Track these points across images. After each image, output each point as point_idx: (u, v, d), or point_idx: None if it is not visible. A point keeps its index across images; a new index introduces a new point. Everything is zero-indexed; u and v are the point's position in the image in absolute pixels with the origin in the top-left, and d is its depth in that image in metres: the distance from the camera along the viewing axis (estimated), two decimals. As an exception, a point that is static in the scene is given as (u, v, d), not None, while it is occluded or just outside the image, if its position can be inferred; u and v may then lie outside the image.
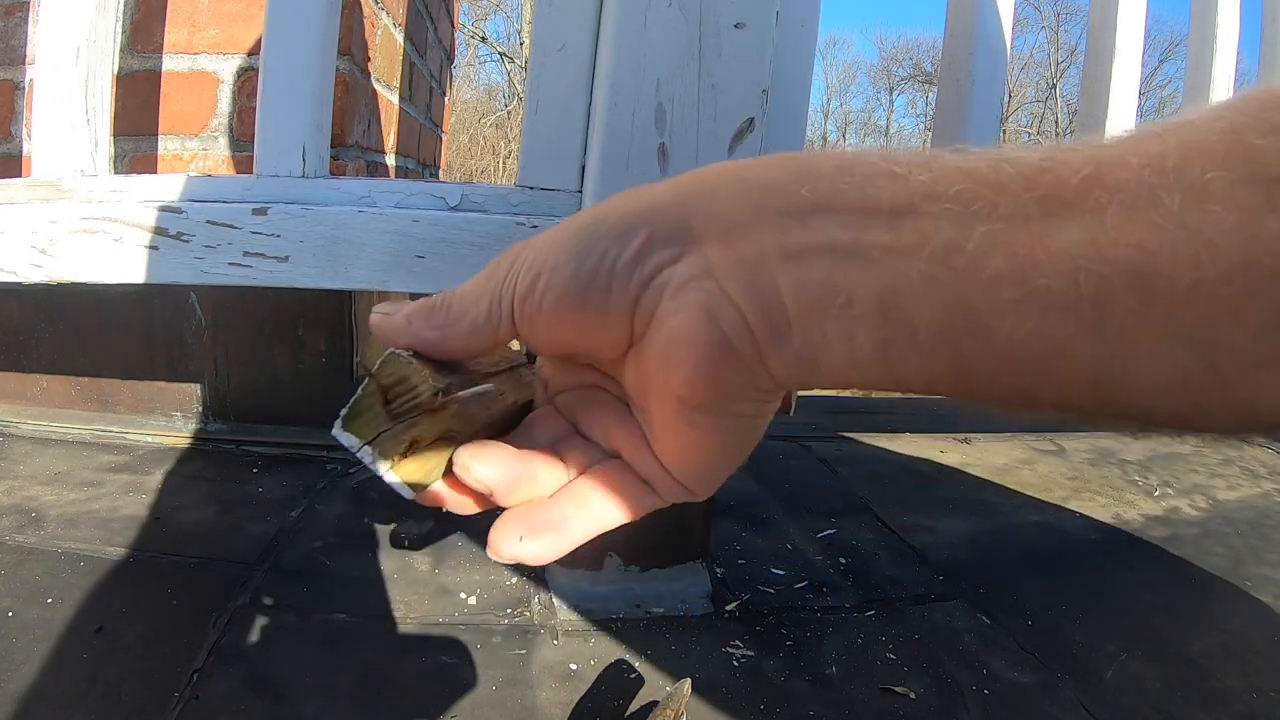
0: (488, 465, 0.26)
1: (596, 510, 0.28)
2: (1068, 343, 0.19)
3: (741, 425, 0.26)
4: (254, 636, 0.63)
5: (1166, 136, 0.19)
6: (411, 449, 0.25)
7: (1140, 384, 0.19)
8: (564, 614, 0.70)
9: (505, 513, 0.27)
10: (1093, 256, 0.18)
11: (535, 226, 0.65)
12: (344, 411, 0.25)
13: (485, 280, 0.27)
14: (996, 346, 0.20)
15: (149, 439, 1.01)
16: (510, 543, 0.26)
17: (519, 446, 0.28)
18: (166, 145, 0.98)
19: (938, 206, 0.20)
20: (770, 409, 0.26)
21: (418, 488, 0.26)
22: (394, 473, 0.25)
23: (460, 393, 0.27)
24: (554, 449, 0.29)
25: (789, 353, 0.23)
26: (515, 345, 0.30)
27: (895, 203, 0.21)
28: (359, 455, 0.25)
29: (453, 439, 0.26)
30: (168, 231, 0.63)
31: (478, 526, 0.85)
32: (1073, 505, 1.08)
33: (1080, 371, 0.19)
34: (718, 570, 0.79)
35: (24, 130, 0.97)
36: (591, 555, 0.73)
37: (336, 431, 0.25)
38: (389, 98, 1.25)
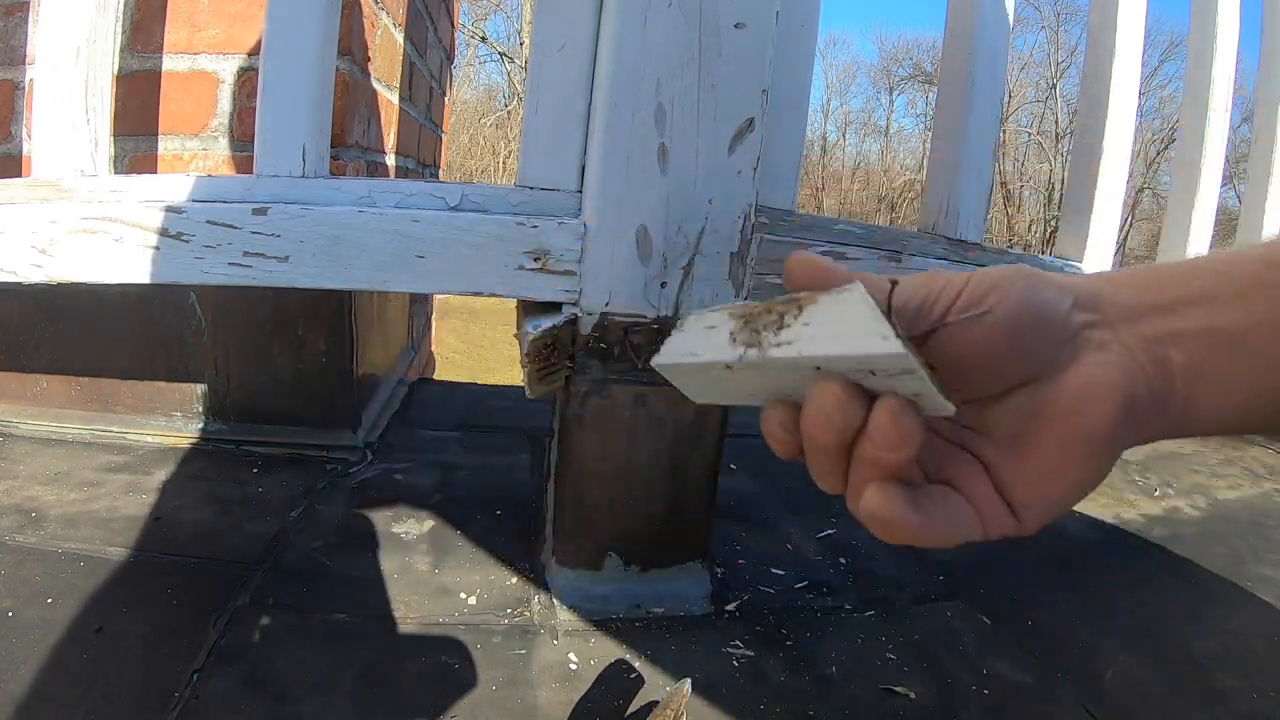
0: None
1: (943, 520, 0.31)
2: None
3: (1106, 467, 0.31)
4: (254, 636, 0.63)
5: None
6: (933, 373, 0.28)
7: None
8: (564, 614, 0.70)
9: (882, 483, 0.30)
10: None
11: (535, 226, 0.65)
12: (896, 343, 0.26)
13: (915, 286, 0.32)
14: None
15: (149, 439, 1.01)
16: (897, 504, 0.29)
17: None
18: (166, 145, 0.98)
19: (1262, 294, 0.28)
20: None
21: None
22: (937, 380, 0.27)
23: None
24: None
25: (1170, 416, 0.30)
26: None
27: (1234, 290, 0.29)
28: (908, 363, 0.26)
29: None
30: (168, 231, 0.63)
31: (477, 527, 0.85)
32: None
33: None
34: (718, 570, 0.79)
35: (24, 130, 0.97)
36: (591, 555, 0.73)
37: (904, 354, 0.25)
38: (389, 98, 1.25)
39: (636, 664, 0.64)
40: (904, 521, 0.29)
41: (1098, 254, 0.93)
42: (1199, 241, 1.04)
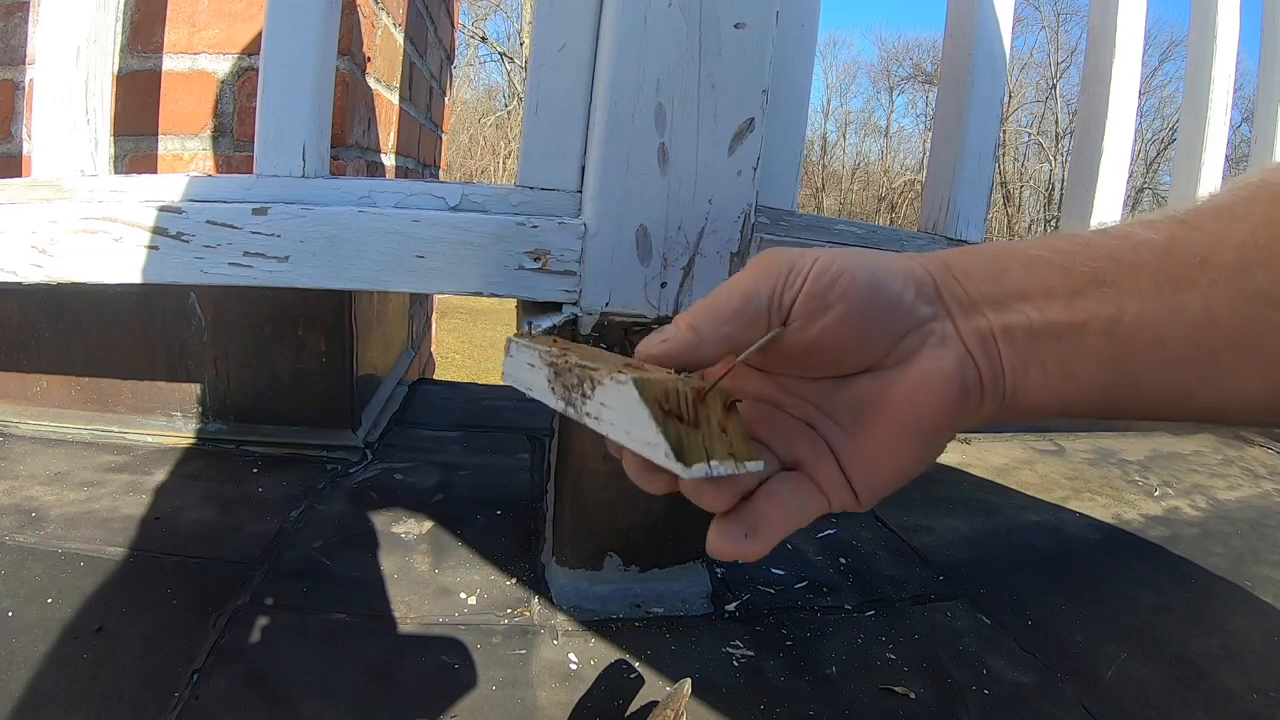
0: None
1: (788, 512, 0.32)
2: (1192, 388, 0.27)
3: (934, 453, 0.33)
4: (254, 636, 0.63)
5: (1250, 215, 0.26)
6: (728, 435, 0.28)
7: (1239, 410, 0.28)
8: (564, 614, 0.70)
9: (719, 516, 0.32)
10: (1208, 325, 0.26)
11: (535, 226, 0.65)
12: (668, 455, 0.26)
13: (756, 279, 0.33)
14: (1142, 392, 0.29)
15: (149, 439, 1.01)
16: (736, 540, 0.31)
17: None
18: (166, 145, 0.98)
19: (1099, 290, 0.29)
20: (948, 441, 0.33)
21: (757, 457, 0.29)
22: (743, 464, 0.28)
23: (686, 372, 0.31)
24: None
25: (997, 400, 0.31)
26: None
27: (1069, 288, 0.29)
28: (718, 474, 0.27)
29: (733, 404, 0.29)
30: (168, 231, 0.63)
31: (477, 527, 0.85)
32: (1073, 505, 1.08)
33: (1198, 408, 0.28)
34: (718, 570, 0.79)
35: (24, 130, 0.97)
36: (591, 555, 0.73)
37: (688, 474, 0.26)
38: (389, 98, 1.25)
39: (636, 664, 0.64)
40: (744, 551, 0.31)
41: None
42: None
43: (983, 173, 0.84)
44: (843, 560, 0.86)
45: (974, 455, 1.27)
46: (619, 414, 0.27)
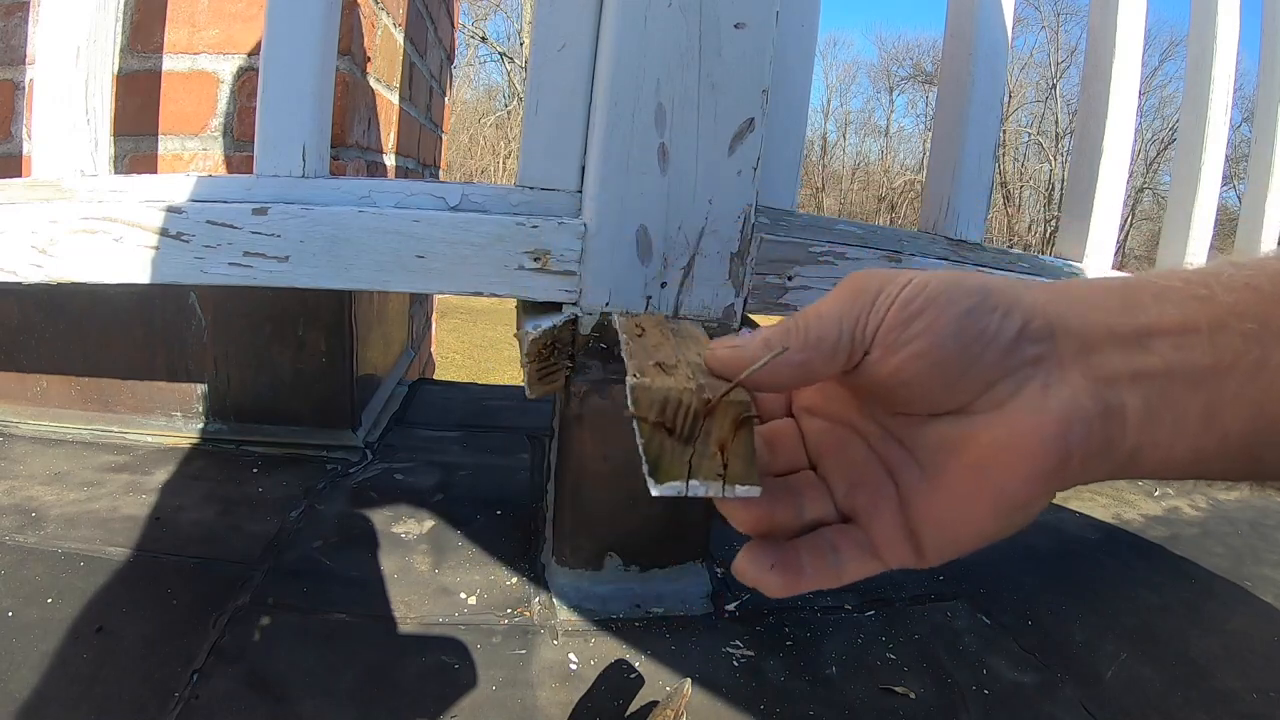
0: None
1: (820, 569, 0.30)
2: None
3: (1024, 518, 0.28)
4: (254, 636, 0.63)
5: None
6: (725, 454, 0.26)
7: None
8: (564, 614, 0.70)
9: (756, 540, 0.30)
10: None
11: (535, 226, 0.65)
12: (646, 470, 0.25)
13: (844, 303, 0.29)
14: None
15: (149, 439, 1.01)
16: (759, 569, 0.29)
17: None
18: (166, 145, 0.98)
19: (1244, 325, 0.24)
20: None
21: (755, 482, 0.27)
22: (733, 486, 0.26)
23: (712, 380, 0.28)
24: (792, 483, 0.32)
25: (1115, 460, 0.26)
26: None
27: (1212, 322, 0.25)
28: (696, 494, 0.25)
29: (747, 421, 0.27)
30: (168, 231, 0.63)
31: (477, 526, 0.85)
32: (1073, 505, 1.08)
33: None
34: (718, 570, 0.79)
35: (24, 130, 0.97)
36: (591, 555, 0.73)
37: (656, 491, 0.25)
38: (389, 98, 1.25)
39: (636, 664, 0.64)
40: (763, 583, 0.29)
41: (1098, 254, 0.93)
42: (1199, 241, 1.04)
43: (983, 173, 0.84)
44: (843, 560, 0.86)
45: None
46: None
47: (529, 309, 0.68)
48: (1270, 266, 0.25)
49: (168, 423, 1.02)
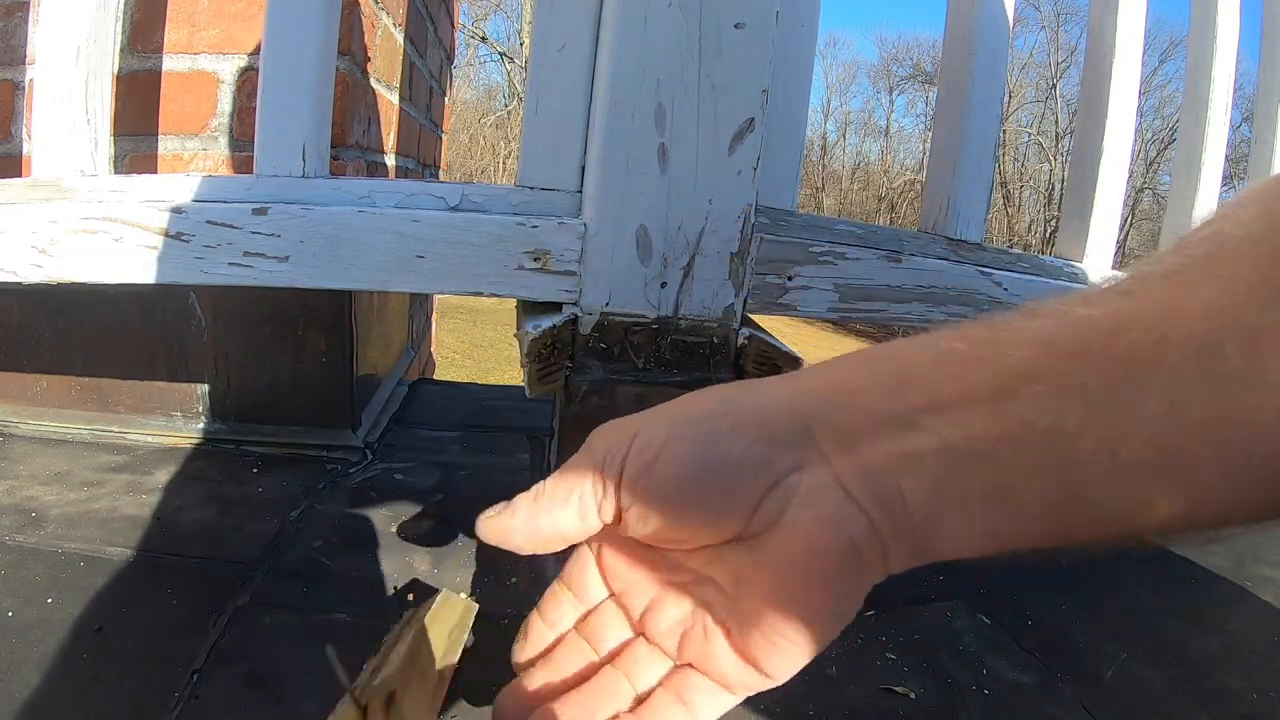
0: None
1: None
2: (1154, 499, 0.21)
3: (847, 613, 0.27)
4: (254, 636, 0.63)
5: (1217, 269, 0.21)
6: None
7: (1211, 520, 0.21)
8: (564, 614, 0.70)
9: None
10: (1171, 420, 0.20)
11: (535, 226, 0.65)
12: None
13: (583, 460, 0.29)
14: (1094, 511, 0.22)
15: (149, 439, 1.01)
16: None
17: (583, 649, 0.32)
18: (166, 145, 0.98)
19: (1034, 388, 0.22)
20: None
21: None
22: None
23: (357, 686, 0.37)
24: (616, 652, 0.32)
25: (907, 548, 0.25)
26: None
27: (995, 388, 0.23)
28: None
29: (389, 700, 0.34)
30: (168, 231, 0.63)
31: (478, 526, 0.85)
32: (1073, 505, 1.08)
33: (1163, 520, 0.22)
34: (718, 570, 0.79)
35: (24, 130, 0.97)
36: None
37: None
38: (389, 98, 1.25)
39: (636, 664, 0.64)
40: None
41: (1098, 254, 0.93)
42: (1199, 241, 1.04)
43: (983, 173, 0.84)
44: (843, 560, 0.86)
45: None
46: None
47: (529, 309, 0.68)
48: (1070, 313, 0.23)
49: (168, 423, 1.02)
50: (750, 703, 0.61)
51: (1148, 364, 0.21)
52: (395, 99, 1.29)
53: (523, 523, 0.29)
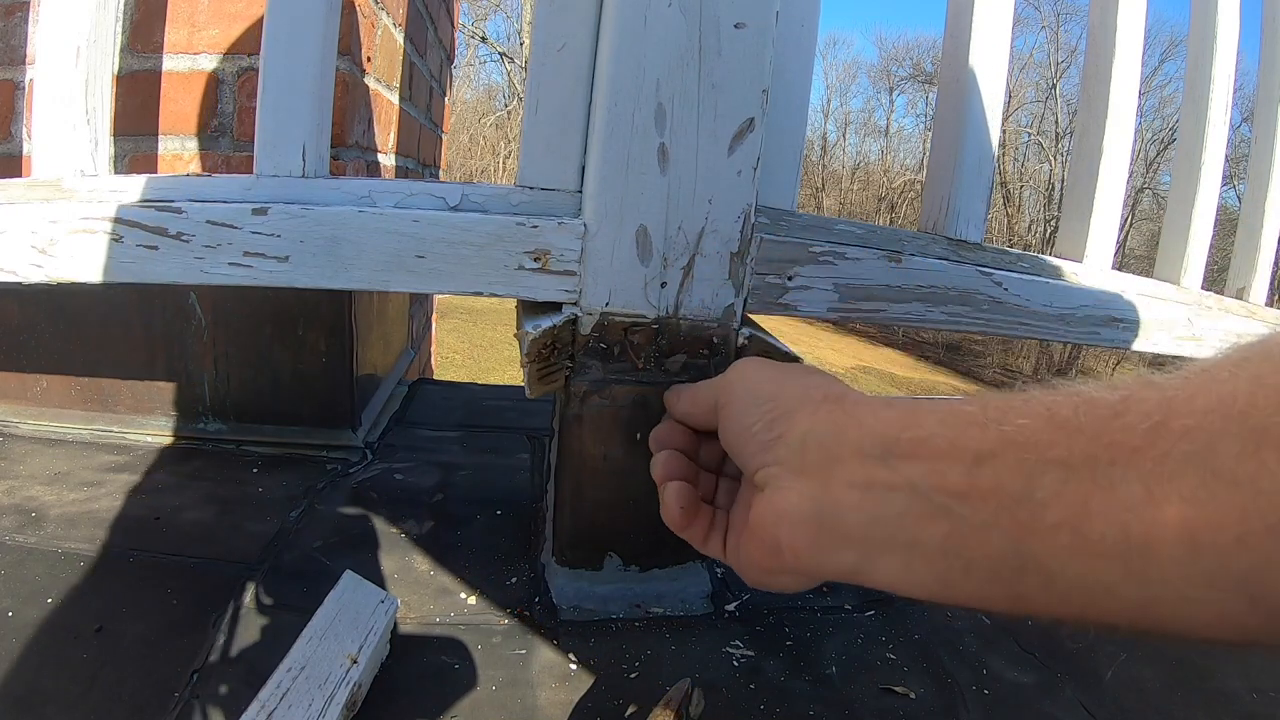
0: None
1: (703, 534, 0.47)
2: (1115, 585, 0.21)
3: (796, 583, 0.37)
4: (254, 636, 0.63)
5: (1239, 373, 0.20)
6: None
7: (1183, 622, 0.21)
8: (564, 614, 0.70)
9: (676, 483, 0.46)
10: (1146, 507, 0.20)
11: (535, 227, 0.65)
12: None
13: (706, 389, 0.48)
14: (1051, 583, 0.22)
15: (149, 439, 1.01)
16: (684, 500, 0.45)
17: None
18: (166, 145, 0.98)
19: (1019, 455, 0.23)
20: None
21: None
22: None
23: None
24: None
25: (838, 565, 0.29)
26: None
27: (981, 450, 0.24)
28: None
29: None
30: (168, 231, 0.63)
31: (476, 526, 0.85)
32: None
33: (1125, 610, 0.21)
34: (718, 570, 0.79)
35: (24, 130, 0.97)
36: (591, 555, 0.73)
37: None
38: (389, 98, 1.25)
39: (636, 664, 0.64)
40: (672, 514, 0.44)
41: (1098, 254, 0.93)
42: (1199, 241, 1.04)
43: (983, 173, 0.84)
44: (843, 560, 0.86)
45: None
46: None
47: (529, 309, 0.68)
48: (1090, 393, 0.23)
49: (168, 423, 1.02)
50: (750, 702, 0.61)
51: (1134, 450, 0.20)
52: (395, 99, 1.29)
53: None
